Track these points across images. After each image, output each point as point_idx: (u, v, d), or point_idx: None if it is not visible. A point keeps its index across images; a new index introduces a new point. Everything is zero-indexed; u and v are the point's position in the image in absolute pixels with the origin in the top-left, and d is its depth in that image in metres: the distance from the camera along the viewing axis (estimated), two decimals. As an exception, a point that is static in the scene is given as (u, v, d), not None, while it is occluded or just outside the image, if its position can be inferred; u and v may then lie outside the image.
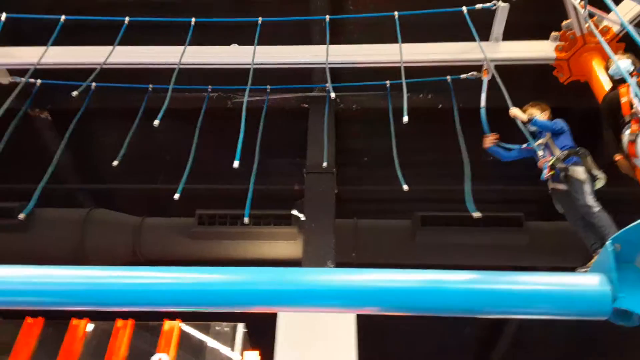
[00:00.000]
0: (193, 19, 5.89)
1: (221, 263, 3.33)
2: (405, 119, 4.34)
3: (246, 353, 5.09)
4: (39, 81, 5.99)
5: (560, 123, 4.90)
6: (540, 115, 5.06)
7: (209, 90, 6.57)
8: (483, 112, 5.45)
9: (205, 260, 9.02)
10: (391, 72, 6.15)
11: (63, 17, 5.70)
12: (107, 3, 7.46)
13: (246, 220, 4.68)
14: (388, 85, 6.55)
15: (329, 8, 7.16)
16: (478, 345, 12.00)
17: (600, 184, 4.62)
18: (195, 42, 5.84)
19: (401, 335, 10.87)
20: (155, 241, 9.69)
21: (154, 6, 7.38)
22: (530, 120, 4.96)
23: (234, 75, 6.51)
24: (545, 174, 4.81)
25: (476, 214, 4.63)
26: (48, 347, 5.56)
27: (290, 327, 5.24)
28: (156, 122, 4.34)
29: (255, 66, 5.30)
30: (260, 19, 5.87)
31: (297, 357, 4.99)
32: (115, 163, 5.01)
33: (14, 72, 6.10)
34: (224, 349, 5.84)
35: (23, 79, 5.45)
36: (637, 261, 2.13)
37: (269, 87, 6.54)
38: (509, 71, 5.68)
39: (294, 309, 2.95)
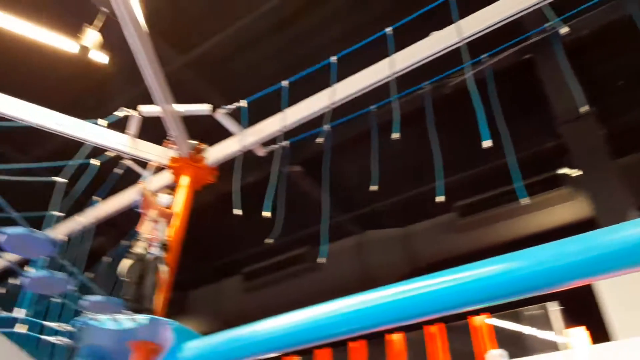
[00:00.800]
0: (387, 29, 5.90)
1: (497, 249, 3.13)
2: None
3: (570, 331, 4.63)
4: (286, 142, 6.75)
5: None
6: None
7: (427, 85, 6.41)
8: None
9: (479, 250, 8.73)
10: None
11: (286, 83, 6.39)
12: (309, 53, 8.06)
13: (528, 200, 4.35)
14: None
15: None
16: None
17: None
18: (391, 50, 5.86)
19: None
20: (426, 245, 9.91)
21: (348, 36, 7.66)
22: None
23: (428, 65, 6.21)
24: None
25: None
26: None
27: (617, 292, 4.61)
28: (396, 135, 4.46)
29: (467, 40, 5.01)
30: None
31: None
32: (374, 188, 5.27)
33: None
34: (541, 332, 5.48)
35: (276, 146, 6.33)
36: None
37: (485, 55, 6.06)
38: None
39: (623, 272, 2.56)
